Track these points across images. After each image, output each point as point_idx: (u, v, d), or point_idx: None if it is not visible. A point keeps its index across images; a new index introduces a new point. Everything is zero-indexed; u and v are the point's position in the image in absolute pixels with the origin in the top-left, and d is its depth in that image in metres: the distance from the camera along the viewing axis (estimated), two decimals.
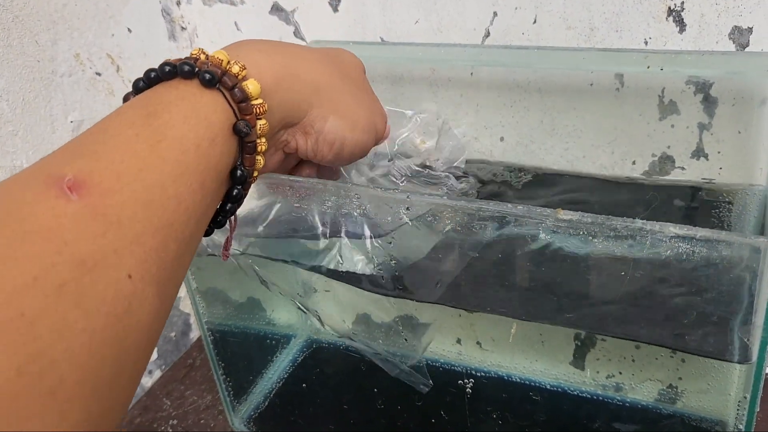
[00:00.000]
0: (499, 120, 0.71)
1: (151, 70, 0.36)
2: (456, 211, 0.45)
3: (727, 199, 0.61)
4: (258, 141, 0.38)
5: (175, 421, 0.71)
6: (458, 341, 0.69)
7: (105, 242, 0.28)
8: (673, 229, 0.40)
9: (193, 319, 0.86)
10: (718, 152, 0.64)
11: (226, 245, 0.48)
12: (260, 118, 0.38)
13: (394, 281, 0.51)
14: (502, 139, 0.71)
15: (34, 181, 0.29)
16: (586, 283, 0.46)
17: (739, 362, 0.43)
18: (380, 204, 0.47)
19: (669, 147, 0.65)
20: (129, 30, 0.75)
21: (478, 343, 0.68)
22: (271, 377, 0.71)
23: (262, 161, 0.39)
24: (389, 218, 0.48)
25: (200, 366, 0.78)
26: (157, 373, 0.81)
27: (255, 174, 0.39)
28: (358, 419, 0.66)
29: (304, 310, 0.60)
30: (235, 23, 0.79)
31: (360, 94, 0.49)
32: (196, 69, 0.36)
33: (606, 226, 0.41)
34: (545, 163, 0.70)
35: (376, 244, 0.50)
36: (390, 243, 0.49)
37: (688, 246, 0.40)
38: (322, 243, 0.52)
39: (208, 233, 0.39)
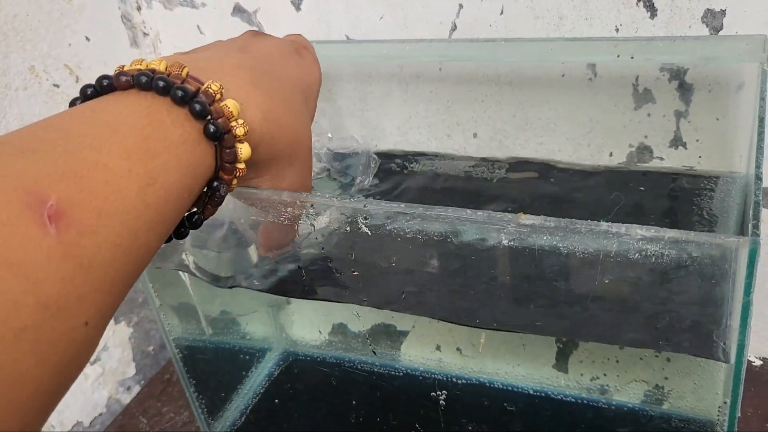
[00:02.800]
0: (471, 115, 0.68)
1: (160, 78, 0.33)
2: (414, 218, 0.43)
3: (708, 187, 0.59)
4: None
5: None
6: (438, 348, 0.67)
7: (71, 287, 0.26)
8: (639, 231, 0.38)
9: None
10: (697, 140, 0.61)
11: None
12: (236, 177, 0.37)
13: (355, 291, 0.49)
14: (475, 135, 0.69)
15: (12, 196, 0.26)
16: (555, 289, 0.44)
17: (718, 360, 0.40)
18: (337, 214, 0.45)
19: (646, 137, 0.63)
20: (87, 39, 0.73)
21: (458, 349, 0.66)
22: (247, 393, 0.69)
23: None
24: (347, 228, 0.46)
25: (177, 381, 0.76)
26: (136, 389, 0.79)
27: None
28: (337, 427, 0.64)
29: None
30: (198, 26, 0.76)
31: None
32: (207, 115, 0.33)
33: (570, 230, 0.39)
34: (520, 157, 0.67)
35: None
36: (352, 255, 0.47)
37: (657, 248, 0.38)
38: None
39: None
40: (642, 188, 0.61)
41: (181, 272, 0.59)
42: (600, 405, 0.62)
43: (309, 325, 0.71)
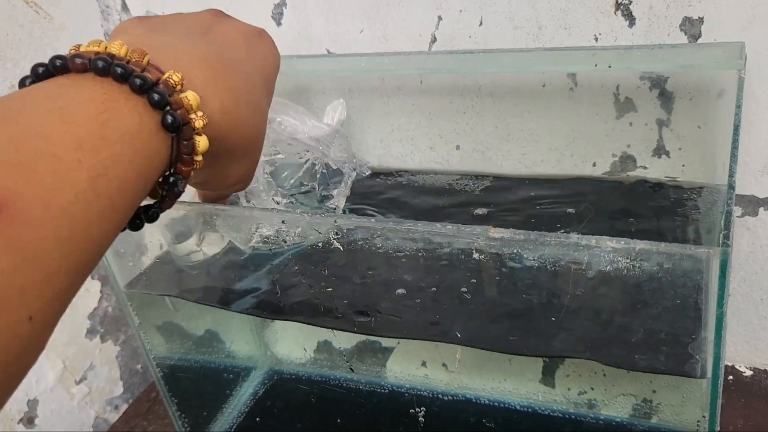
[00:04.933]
0: (453, 127, 0.68)
1: (119, 65, 0.31)
2: (387, 232, 0.42)
3: (692, 197, 0.58)
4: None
5: None
6: (423, 364, 0.66)
7: (13, 280, 0.25)
8: (610, 243, 0.37)
9: None
10: (679, 149, 0.61)
11: None
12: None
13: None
14: (458, 147, 0.69)
15: None
16: (527, 304, 0.43)
17: (693, 377, 0.40)
18: (309, 228, 0.45)
19: (629, 146, 0.62)
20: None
21: (443, 365, 0.65)
22: (232, 412, 0.68)
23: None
24: (320, 244, 0.45)
25: (162, 400, 0.75)
26: (123, 407, 0.79)
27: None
28: None
29: None
30: None
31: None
32: (165, 106, 0.32)
33: (540, 243, 0.38)
34: (503, 170, 0.67)
35: None
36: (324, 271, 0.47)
37: (629, 260, 0.37)
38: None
39: None
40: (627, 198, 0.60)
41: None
42: (588, 420, 0.61)
43: (294, 343, 0.70)
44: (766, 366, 0.68)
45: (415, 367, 0.65)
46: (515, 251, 0.40)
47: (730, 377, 0.67)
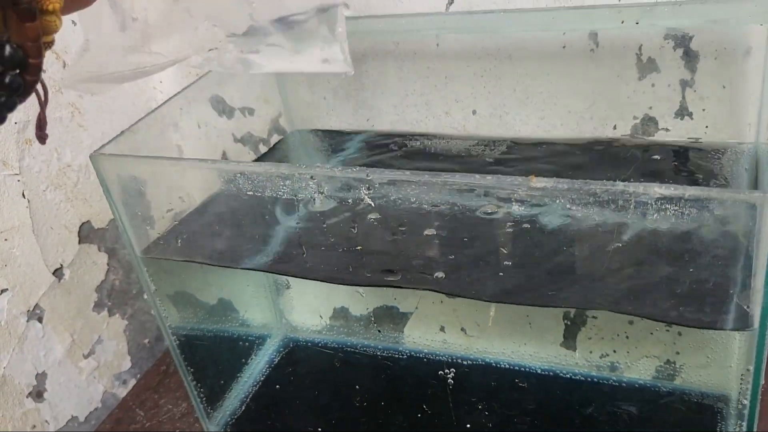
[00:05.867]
0: (470, 92, 0.66)
1: None
2: (420, 186, 0.41)
3: (716, 157, 0.58)
4: None
5: None
6: (442, 329, 0.65)
7: None
8: (658, 189, 0.36)
9: None
10: (703, 110, 0.60)
11: (40, 124, 0.37)
12: None
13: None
14: (474, 112, 0.67)
15: None
16: (569, 257, 0.42)
17: (739, 329, 0.39)
18: (339, 183, 0.43)
19: (651, 108, 0.62)
20: (73, 23, 0.70)
21: (462, 329, 0.64)
22: (247, 380, 0.67)
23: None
24: (350, 200, 0.44)
25: (174, 372, 0.74)
26: (132, 382, 0.77)
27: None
28: (339, 418, 0.62)
29: None
30: (188, 8, 0.74)
31: None
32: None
33: (584, 192, 0.37)
34: (521, 134, 0.66)
35: None
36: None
37: (677, 207, 0.37)
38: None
39: None
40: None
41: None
42: (610, 382, 0.60)
43: (309, 310, 0.69)
44: None
45: (433, 332, 0.65)
46: (557, 202, 0.39)
47: None
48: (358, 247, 0.46)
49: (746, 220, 0.35)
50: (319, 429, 0.61)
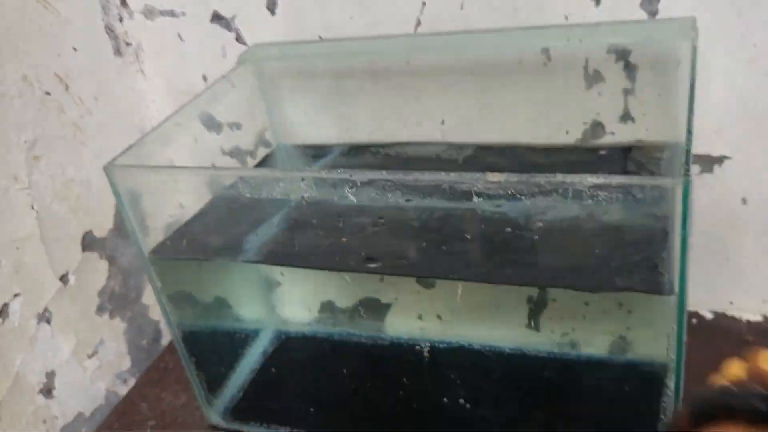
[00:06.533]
0: (439, 104, 0.74)
1: None
2: (396, 184, 0.48)
3: (656, 156, 0.66)
4: None
5: (153, 422, 0.72)
6: (420, 317, 0.72)
7: None
8: (591, 179, 0.44)
9: (163, 325, 0.88)
10: (644, 114, 0.68)
11: None
12: None
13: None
14: (443, 122, 0.75)
15: None
16: (519, 242, 0.49)
17: (663, 294, 0.46)
18: (326, 184, 0.50)
19: (598, 114, 0.69)
20: (74, 49, 0.77)
21: (438, 316, 0.71)
22: (244, 370, 0.73)
23: None
24: (335, 198, 0.51)
25: (174, 368, 0.80)
26: (132, 381, 0.83)
27: None
28: (331, 402, 0.69)
29: None
30: (179, 34, 0.81)
31: None
32: None
33: (531, 183, 0.45)
34: (485, 140, 0.73)
35: None
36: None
37: (607, 194, 0.44)
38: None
39: None
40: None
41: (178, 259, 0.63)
42: (571, 358, 0.68)
43: (299, 305, 0.76)
44: (725, 309, 0.76)
45: (412, 320, 0.71)
46: (509, 193, 0.46)
47: (694, 320, 0.75)
48: (343, 239, 0.52)
49: (663, 201, 0.43)
50: (311, 410, 0.68)
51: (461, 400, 0.64)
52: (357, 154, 0.75)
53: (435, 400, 0.65)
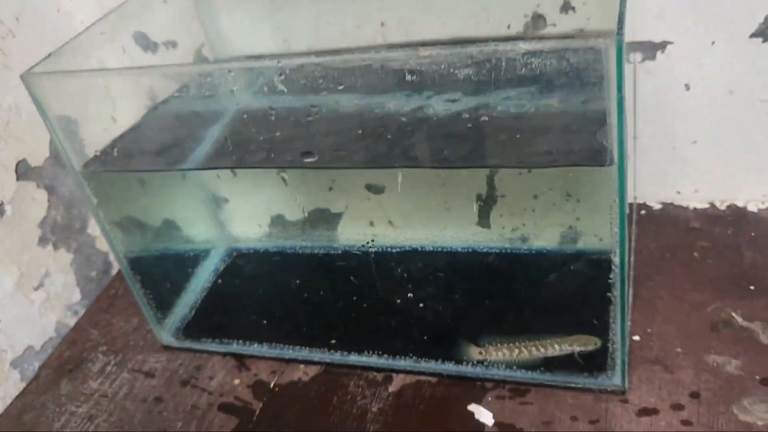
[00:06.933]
0: (378, 5, 0.71)
1: None
2: (326, 68, 0.46)
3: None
4: None
5: (104, 347, 0.71)
6: (371, 224, 0.71)
7: None
8: (523, 45, 0.42)
9: (112, 256, 0.86)
10: (584, 3, 0.66)
11: None
12: None
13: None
14: (383, 24, 0.72)
15: None
16: (458, 124, 0.48)
17: (605, 165, 0.46)
18: (253, 75, 0.48)
19: (539, 6, 0.68)
20: None
21: (389, 222, 0.70)
22: (195, 289, 0.72)
23: None
24: (266, 89, 0.49)
25: (124, 294, 0.78)
26: (83, 312, 0.81)
27: None
28: (284, 313, 0.68)
29: None
30: None
31: None
32: None
33: (464, 54, 0.43)
34: (427, 39, 0.71)
35: None
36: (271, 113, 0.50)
37: (540, 60, 0.43)
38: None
39: None
40: None
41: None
42: (523, 252, 0.68)
43: (249, 221, 0.74)
44: (671, 199, 0.76)
45: (363, 227, 0.70)
46: (442, 68, 0.44)
47: (643, 211, 0.76)
48: (277, 134, 0.51)
49: (596, 64, 0.42)
50: (264, 322, 0.67)
51: (416, 300, 0.64)
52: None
53: (389, 302, 0.65)
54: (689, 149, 0.73)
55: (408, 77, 0.45)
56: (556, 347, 0.55)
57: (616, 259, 0.51)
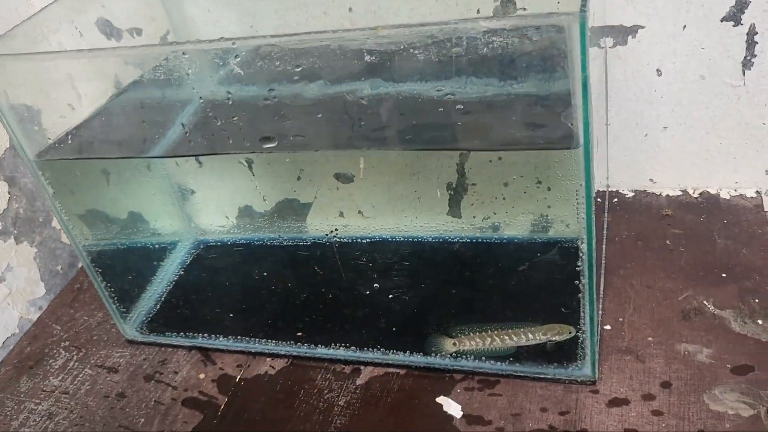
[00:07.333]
0: None
1: None
2: (282, 49, 0.45)
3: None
4: None
5: (67, 343, 0.69)
6: (341, 214, 0.70)
7: None
8: (484, 23, 0.41)
9: None
10: None
11: None
12: None
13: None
14: (350, 9, 0.71)
15: None
16: (417, 105, 0.47)
17: (571, 148, 0.44)
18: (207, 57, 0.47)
19: None
20: None
21: (359, 212, 0.69)
22: (161, 282, 0.70)
23: None
24: (221, 73, 0.47)
25: (88, 288, 0.76)
26: (46, 307, 0.79)
27: None
28: (251, 305, 0.66)
29: None
30: None
31: None
32: None
33: (423, 33, 0.42)
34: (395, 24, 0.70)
35: None
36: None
37: (502, 39, 0.41)
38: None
39: None
40: None
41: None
42: (493, 241, 0.67)
43: (216, 213, 0.73)
44: (644, 187, 0.76)
45: (333, 217, 0.69)
46: (402, 48, 0.43)
47: (615, 200, 0.75)
48: (234, 118, 0.49)
49: (559, 41, 0.41)
50: (230, 315, 0.65)
51: (384, 291, 0.63)
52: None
53: (357, 293, 0.63)
54: (661, 135, 0.72)
55: (368, 58, 0.44)
56: (531, 336, 0.54)
57: (584, 246, 0.50)
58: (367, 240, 0.69)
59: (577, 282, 0.57)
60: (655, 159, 0.73)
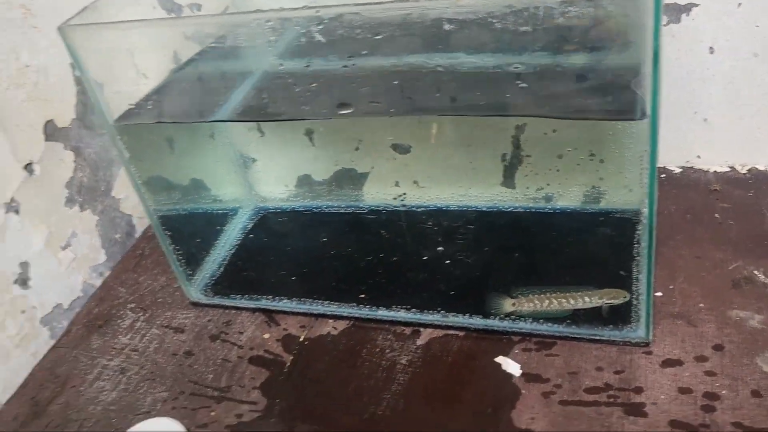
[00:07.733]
0: None
1: None
2: (363, 16, 0.47)
3: None
4: None
5: (133, 305, 0.72)
6: (396, 184, 0.72)
7: None
8: None
9: (136, 220, 0.87)
10: None
11: None
12: None
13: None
14: None
15: None
16: (492, 75, 0.49)
17: (639, 119, 0.46)
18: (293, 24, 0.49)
19: None
20: None
21: (415, 182, 0.71)
22: (223, 246, 0.73)
23: None
24: (303, 40, 0.50)
25: (150, 254, 0.79)
26: (107, 274, 0.82)
27: None
28: (311, 269, 0.69)
29: None
30: None
31: None
32: None
33: (502, 4, 0.44)
34: None
35: None
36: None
37: (577, 9, 0.43)
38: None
39: None
40: None
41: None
42: (546, 211, 0.69)
43: (276, 181, 0.75)
44: (691, 163, 0.77)
45: (389, 187, 0.71)
46: (479, 17, 0.45)
47: (663, 175, 0.76)
48: (313, 85, 0.51)
49: (636, 10, 0.43)
50: (293, 278, 0.68)
51: (443, 256, 0.65)
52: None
53: (416, 258, 0.66)
54: (711, 113, 0.73)
55: (447, 27, 0.46)
56: (587, 299, 0.57)
57: (645, 211, 0.52)
58: (423, 209, 0.71)
59: (628, 251, 0.60)
60: (703, 136, 0.75)
